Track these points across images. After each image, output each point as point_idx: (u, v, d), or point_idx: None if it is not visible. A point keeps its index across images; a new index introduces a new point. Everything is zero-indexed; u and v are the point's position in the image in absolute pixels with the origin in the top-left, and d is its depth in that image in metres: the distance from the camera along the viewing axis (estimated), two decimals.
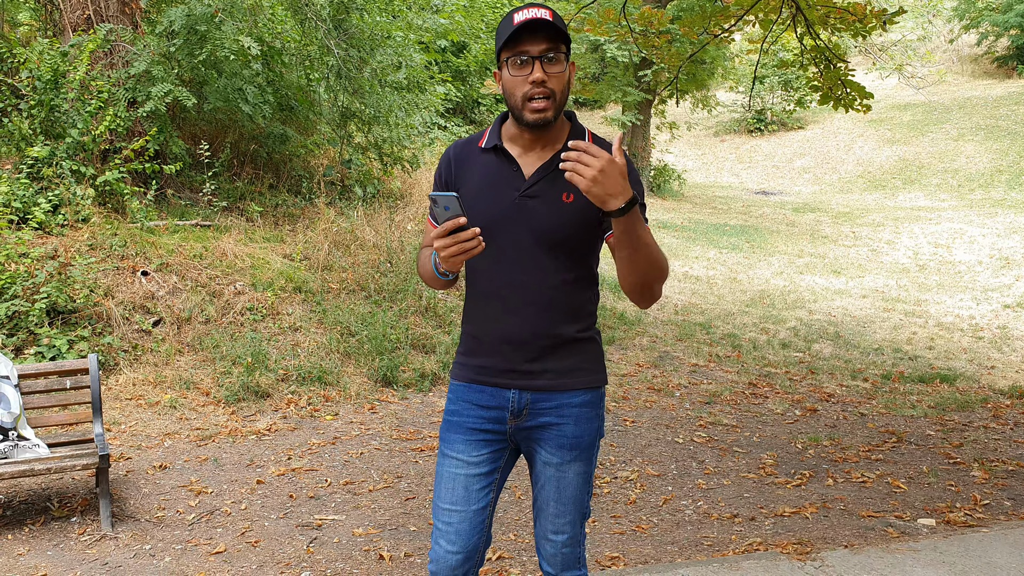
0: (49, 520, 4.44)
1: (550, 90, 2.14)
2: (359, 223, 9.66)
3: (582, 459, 2.37)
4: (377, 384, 6.88)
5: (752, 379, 7.89)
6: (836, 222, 17.64)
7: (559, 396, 2.31)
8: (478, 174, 2.30)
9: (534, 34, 2.13)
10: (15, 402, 4.41)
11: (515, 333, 2.28)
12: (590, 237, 2.28)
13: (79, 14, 9.79)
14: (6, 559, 4.06)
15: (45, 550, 4.15)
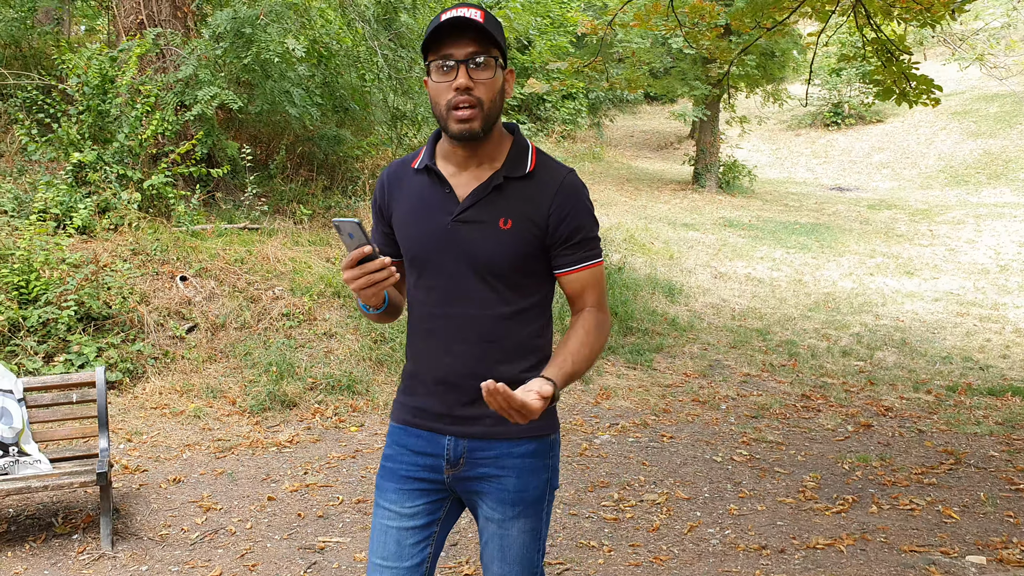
0: (51, 537, 4.38)
1: (476, 98, 1.90)
2: None
3: (527, 515, 2.10)
4: None
5: (806, 390, 7.47)
6: (913, 220, 16.85)
7: (499, 445, 2.07)
8: (410, 197, 2.08)
9: (460, 36, 1.89)
10: (17, 416, 4.36)
11: (450, 373, 2.05)
12: (533, 266, 2.03)
13: (132, 19, 9.89)
14: None
15: (42, 569, 4.08)
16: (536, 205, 2.00)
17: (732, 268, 12.46)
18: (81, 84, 8.46)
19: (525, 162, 2.04)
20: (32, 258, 6.56)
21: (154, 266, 7.45)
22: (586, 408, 6.80)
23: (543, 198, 2.00)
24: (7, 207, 7.71)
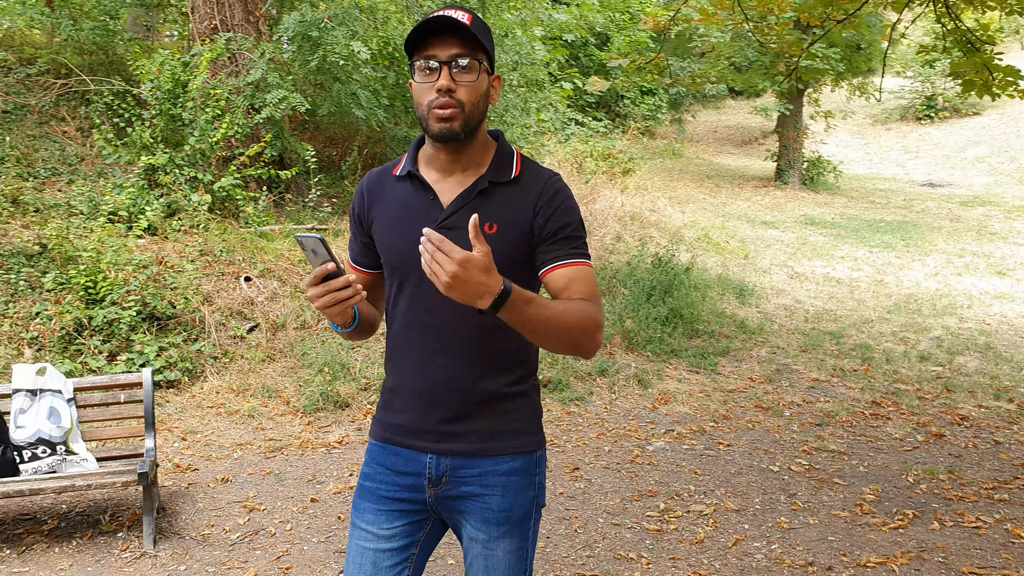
0: (97, 534, 4.48)
1: (458, 100, 1.85)
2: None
3: (513, 535, 2.01)
4: None
5: (876, 397, 7.15)
6: (1009, 217, 16.03)
7: (483, 463, 1.98)
8: (392, 205, 2.01)
9: (444, 37, 1.84)
10: (66, 416, 4.48)
11: (431, 387, 1.97)
12: (519, 274, 1.91)
13: (206, 24, 10.13)
14: (49, 573, 4.11)
15: (86, 566, 4.18)
16: (521, 209, 1.94)
17: (810, 268, 12.06)
18: (154, 89, 8.70)
19: (510, 168, 1.98)
20: (100, 259, 6.76)
21: (220, 267, 7.60)
22: (642, 413, 6.65)
23: (528, 201, 1.94)
24: (82, 209, 7.98)
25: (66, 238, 7.01)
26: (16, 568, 4.16)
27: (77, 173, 9.02)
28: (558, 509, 4.84)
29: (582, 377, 7.20)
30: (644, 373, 7.38)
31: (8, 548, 4.34)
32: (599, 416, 6.55)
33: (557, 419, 6.42)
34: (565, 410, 6.62)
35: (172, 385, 6.37)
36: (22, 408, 4.42)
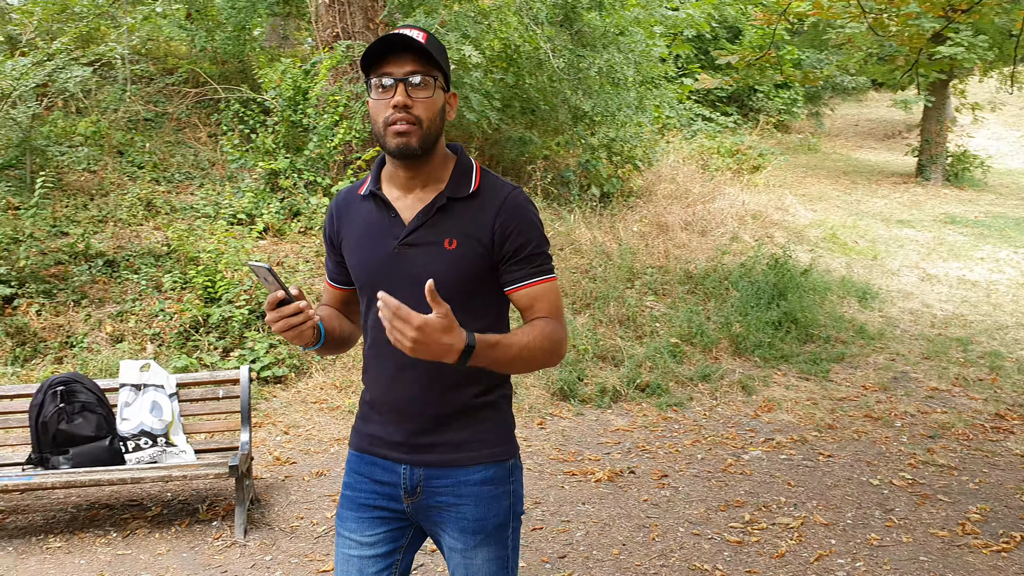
0: (194, 523, 4.75)
1: (415, 116, 1.89)
2: (575, 225, 9.50)
3: (491, 543, 2.05)
4: (553, 397, 6.69)
5: (1001, 409, 6.71)
6: None
7: (455, 473, 2.03)
8: (358, 224, 2.08)
9: (399, 55, 1.89)
10: (167, 410, 4.77)
11: (401, 400, 2.03)
12: (482, 286, 1.99)
13: (329, 32, 10.50)
14: (148, 556, 4.39)
15: (181, 551, 4.44)
16: (480, 223, 1.97)
17: (944, 269, 11.41)
18: (277, 96, 9.11)
19: (469, 182, 2.01)
20: (219, 260, 7.14)
21: None
22: (743, 421, 6.48)
23: (487, 215, 1.97)
24: (208, 212, 8.45)
25: (189, 240, 7.44)
26: (120, 550, 4.46)
27: (208, 178, 9.56)
28: (639, 516, 4.79)
29: (683, 382, 7.09)
30: (749, 379, 7.18)
31: (115, 531, 4.66)
32: (696, 422, 6.43)
33: (652, 424, 6.35)
34: (661, 415, 6.53)
35: (280, 381, 6.66)
36: (127, 402, 4.75)
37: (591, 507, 4.94)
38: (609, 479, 5.33)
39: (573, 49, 10.31)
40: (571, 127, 11.11)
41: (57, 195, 8.56)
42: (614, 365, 7.20)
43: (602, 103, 10.29)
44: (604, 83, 10.68)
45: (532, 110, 11.73)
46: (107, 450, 4.66)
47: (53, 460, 4.62)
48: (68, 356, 6.66)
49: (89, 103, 10.39)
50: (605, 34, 10.76)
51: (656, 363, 7.21)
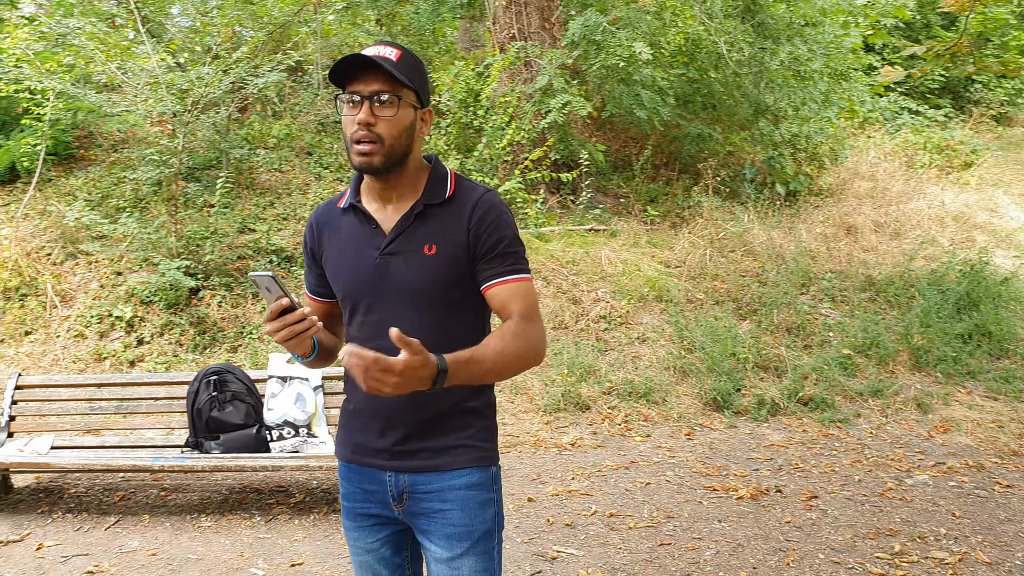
0: (332, 512, 4.93)
1: (377, 135, 1.93)
2: (749, 225, 9.10)
3: (477, 552, 2.04)
4: (706, 407, 6.43)
5: None
6: None
7: (439, 478, 2.03)
8: (340, 238, 2.12)
9: (368, 73, 1.93)
10: (311, 402, 4.97)
11: (384, 407, 2.04)
12: (463, 289, 2.02)
13: (506, 33, 10.65)
14: (286, 541, 4.60)
15: (316, 539, 4.62)
16: (456, 226, 2.00)
17: None
18: (450, 99, 9.33)
19: (444, 188, 2.04)
20: None
21: None
22: (913, 441, 5.96)
23: (462, 218, 2.00)
24: None
25: None
26: (262, 533, 4.70)
27: None
28: (777, 539, 4.51)
29: (851, 397, 6.61)
30: (927, 396, 6.59)
31: (259, 515, 4.92)
32: (860, 441, 5.98)
33: (810, 441, 5.96)
34: (823, 431, 6.12)
35: None
36: (274, 392, 4.99)
37: (727, 525, 4.69)
38: (752, 497, 5.05)
39: (753, 42, 9.89)
40: (753, 122, 10.66)
41: (247, 194, 9.18)
42: (776, 376, 6.83)
43: (785, 97, 9.80)
44: (788, 76, 10.18)
45: (713, 105, 11.37)
46: (254, 438, 4.92)
47: (206, 445, 4.93)
48: (242, 346, 7.12)
49: (283, 107, 11.07)
50: (790, 25, 10.24)
51: (823, 375, 6.77)
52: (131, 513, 4.99)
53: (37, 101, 8.58)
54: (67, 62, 8.20)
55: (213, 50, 8.49)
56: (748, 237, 8.93)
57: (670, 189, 10.59)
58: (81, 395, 5.25)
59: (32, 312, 7.80)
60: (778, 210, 9.87)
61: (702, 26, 10.61)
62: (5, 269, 8.03)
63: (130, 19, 9.69)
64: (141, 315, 7.55)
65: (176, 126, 8.17)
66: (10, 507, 5.10)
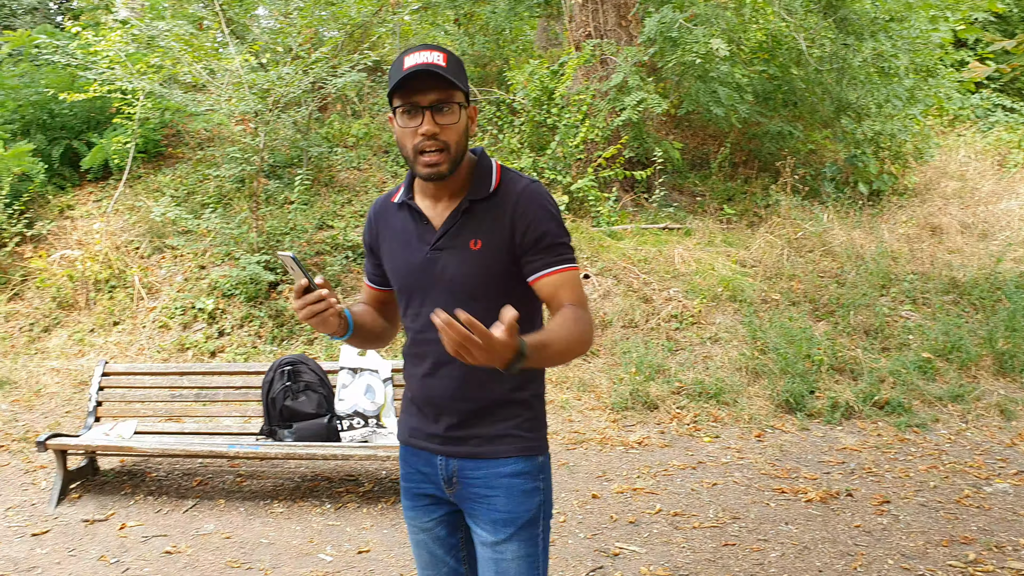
0: (399, 502, 5.02)
1: (443, 142, 1.97)
2: (828, 225, 8.90)
3: (522, 539, 2.09)
4: (778, 409, 6.32)
5: None
6: None
7: (486, 464, 2.10)
8: (394, 232, 2.19)
9: (424, 83, 1.94)
10: (380, 393, 5.07)
11: (437, 395, 2.12)
12: (509, 283, 2.05)
13: (581, 32, 10.64)
14: (354, 529, 4.71)
15: (383, 528, 4.72)
16: (500, 220, 2.03)
17: None
18: (525, 97, 9.37)
19: (489, 182, 2.07)
20: None
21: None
22: (994, 449, 5.76)
23: (505, 211, 2.03)
24: None
25: None
26: (331, 520, 4.83)
27: None
28: (845, 543, 4.42)
29: (929, 401, 6.42)
30: (1011, 402, 6.36)
31: (329, 503, 5.05)
32: (938, 447, 5.80)
33: (885, 445, 5.82)
34: (898, 436, 5.96)
35: None
36: (344, 383, 5.11)
37: (794, 528, 4.62)
38: (821, 500, 4.96)
39: (835, 38, 9.67)
40: (834, 120, 10.42)
41: (325, 192, 9.39)
42: (851, 378, 6.67)
43: (868, 94, 9.56)
44: (871, 73, 9.92)
45: (794, 103, 11.15)
46: (325, 427, 5.04)
47: (280, 433, 5.08)
48: (317, 339, 7.29)
49: (362, 106, 11.28)
50: (874, 20, 9.97)
51: (901, 379, 6.59)
52: (208, 497, 5.17)
53: (128, 101, 8.93)
54: (156, 63, 8.51)
55: (294, 50, 8.70)
56: (827, 237, 8.74)
57: (747, 187, 10.43)
58: (163, 383, 5.47)
59: (120, 303, 8.13)
60: (859, 210, 9.63)
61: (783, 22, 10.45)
62: (96, 262, 8.38)
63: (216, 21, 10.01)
64: (222, 307, 7.81)
65: (258, 125, 8.40)
66: (96, 488, 5.34)
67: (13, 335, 8.14)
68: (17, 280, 8.71)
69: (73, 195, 9.78)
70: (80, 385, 7.24)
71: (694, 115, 10.85)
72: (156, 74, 8.56)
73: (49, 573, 4.27)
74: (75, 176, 10.06)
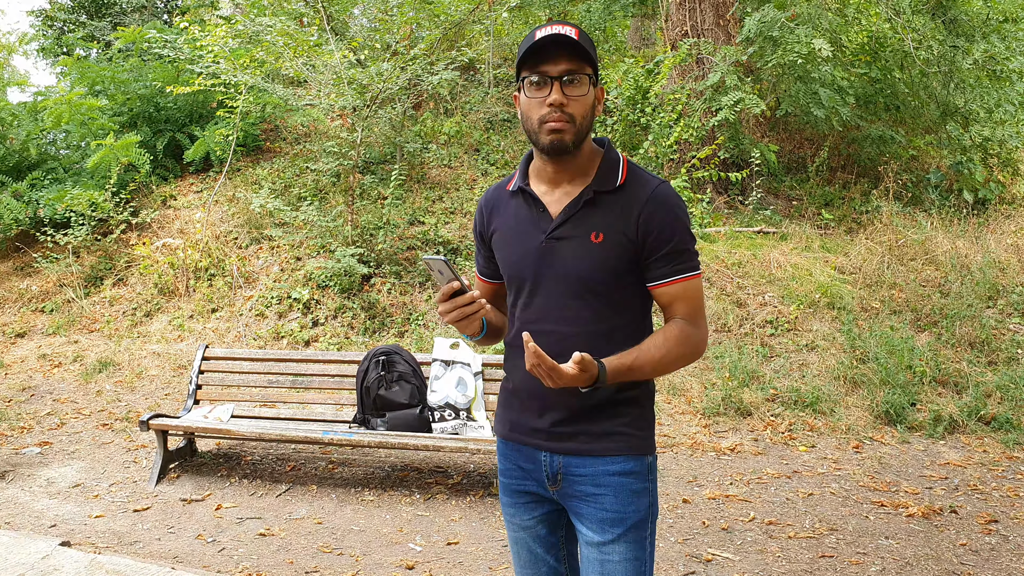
0: (487, 495, 5.02)
1: (569, 115, 1.91)
2: (932, 233, 8.58)
3: (629, 540, 2.01)
4: (877, 420, 6.11)
5: None
6: None
7: (593, 462, 2.02)
8: (507, 220, 2.13)
9: (555, 53, 1.90)
10: (471, 387, 5.08)
11: (545, 390, 2.03)
12: (626, 280, 1.99)
13: (679, 31, 10.52)
14: (443, 520, 4.73)
15: (471, 521, 4.72)
16: (626, 217, 1.95)
17: None
18: (618, 96, 9.29)
19: (616, 175, 2.00)
20: None
21: None
22: None
23: (632, 209, 1.95)
24: None
25: None
26: (420, 511, 4.85)
27: None
28: (950, 561, 4.24)
29: None
30: None
31: (419, 493, 5.08)
32: None
33: (991, 462, 5.56)
34: (1006, 453, 5.70)
35: None
36: (437, 375, 5.13)
37: (895, 543, 4.46)
38: (924, 515, 4.77)
39: (944, 40, 9.32)
40: (940, 125, 10.05)
41: (417, 188, 9.48)
42: (955, 392, 6.41)
43: (977, 99, 9.19)
44: (982, 77, 9.54)
45: (897, 107, 10.80)
46: (417, 418, 5.07)
47: (372, 422, 5.13)
48: (408, 331, 7.36)
49: (454, 105, 11.36)
50: (987, 21, 9.59)
51: (1009, 394, 6.30)
52: (300, 483, 5.26)
53: (231, 95, 9.18)
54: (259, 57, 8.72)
55: (392, 47, 8.81)
56: (930, 245, 8.43)
57: (847, 193, 10.14)
58: (260, 369, 5.58)
59: (219, 291, 8.36)
60: (964, 218, 9.26)
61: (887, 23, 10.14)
62: (196, 250, 8.63)
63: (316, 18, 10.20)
64: (317, 298, 7.95)
65: (355, 120, 8.53)
66: (194, 469, 5.49)
67: (117, 319, 8.45)
68: (122, 266, 9.03)
69: (175, 186, 10.11)
70: (179, 369, 7.47)
71: (791, 117, 10.62)
72: (259, 69, 8.77)
73: (150, 548, 4.39)
74: (177, 167, 10.39)
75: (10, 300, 9.12)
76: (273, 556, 4.30)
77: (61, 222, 9.43)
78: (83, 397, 7.08)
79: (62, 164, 10.17)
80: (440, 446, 4.80)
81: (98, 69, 10.49)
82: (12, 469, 5.53)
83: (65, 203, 8.92)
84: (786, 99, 9.58)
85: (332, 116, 9.64)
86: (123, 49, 11.87)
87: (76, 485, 5.28)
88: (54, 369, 7.75)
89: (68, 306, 8.78)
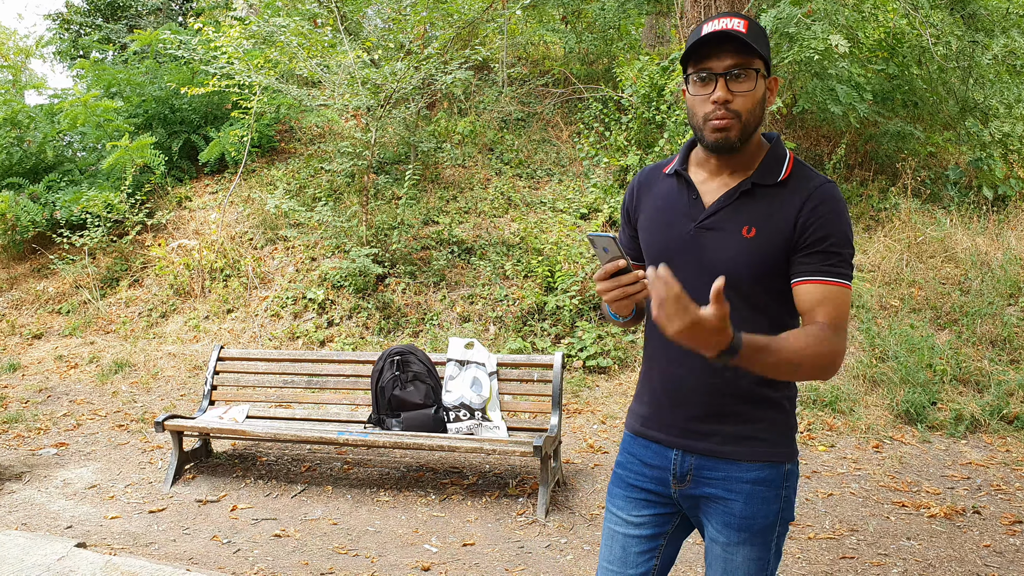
0: (503, 496, 4.98)
1: (734, 112, 1.83)
2: (951, 230, 8.48)
3: (754, 543, 1.94)
4: (897, 419, 6.03)
5: None
6: None
7: (727, 466, 1.94)
8: (657, 201, 2.05)
9: (720, 48, 1.82)
10: (486, 387, 5.05)
11: (681, 384, 1.96)
12: (774, 282, 1.87)
13: (693, 27, 10.44)
14: (459, 521, 4.70)
15: (487, 522, 4.68)
16: (784, 213, 1.85)
17: None
18: (633, 94, 9.24)
19: (779, 170, 1.90)
20: (559, 252, 7.42)
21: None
22: None
23: (793, 205, 1.85)
24: (560, 207, 8.82)
25: (535, 232, 7.82)
26: (436, 512, 4.82)
27: (566, 174, 9.97)
28: (973, 562, 4.17)
29: None
30: None
31: (434, 494, 5.05)
32: None
33: (1015, 462, 5.47)
34: None
35: (603, 371, 6.76)
36: (451, 375, 5.10)
37: (917, 544, 4.39)
38: (946, 516, 4.70)
39: (962, 35, 9.22)
40: (959, 121, 9.94)
41: (431, 188, 9.45)
42: (977, 391, 6.33)
43: (997, 94, 9.08)
44: (1002, 72, 9.43)
45: (915, 103, 10.69)
46: (432, 418, 5.05)
47: (387, 422, 5.11)
48: (423, 331, 7.34)
49: (468, 104, 11.34)
50: (1007, 16, 9.48)
51: None
52: (316, 483, 5.24)
53: (245, 96, 9.19)
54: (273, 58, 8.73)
55: (406, 46, 8.79)
56: (950, 242, 8.33)
57: (864, 190, 10.04)
58: (275, 369, 5.57)
59: (234, 292, 8.36)
60: (984, 215, 9.16)
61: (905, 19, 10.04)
62: (211, 251, 8.64)
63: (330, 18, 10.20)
64: (332, 298, 7.94)
65: (369, 120, 8.52)
66: (210, 469, 5.48)
67: (133, 320, 8.47)
68: (137, 268, 9.06)
69: (191, 187, 10.13)
70: (194, 369, 7.47)
71: (808, 114, 10.53)
72: (273, 69, 8.77)
73: (165, 549, 4.38)
74: (192, 169, 10.41)
75: (27, 302, 9.16)
76: (288, 557, 4.28)
77: (77, 224, 9.47)
78: (99, 398, 7.10)
79: (78, 166, 10.22)
80: (455, 446, 4.77)
81: (114, 71, 10.54)
82: (29, 470, 5.54)
83: (81, 205, 8.95)
84: (803, 96, 9.50)
85: (346, 116, 9.63)
86: (138, 51, 11.91)
87: (92, 486, 5.28)
88: (70, 370, 7.78)
89: (84, 307, 8.81)
